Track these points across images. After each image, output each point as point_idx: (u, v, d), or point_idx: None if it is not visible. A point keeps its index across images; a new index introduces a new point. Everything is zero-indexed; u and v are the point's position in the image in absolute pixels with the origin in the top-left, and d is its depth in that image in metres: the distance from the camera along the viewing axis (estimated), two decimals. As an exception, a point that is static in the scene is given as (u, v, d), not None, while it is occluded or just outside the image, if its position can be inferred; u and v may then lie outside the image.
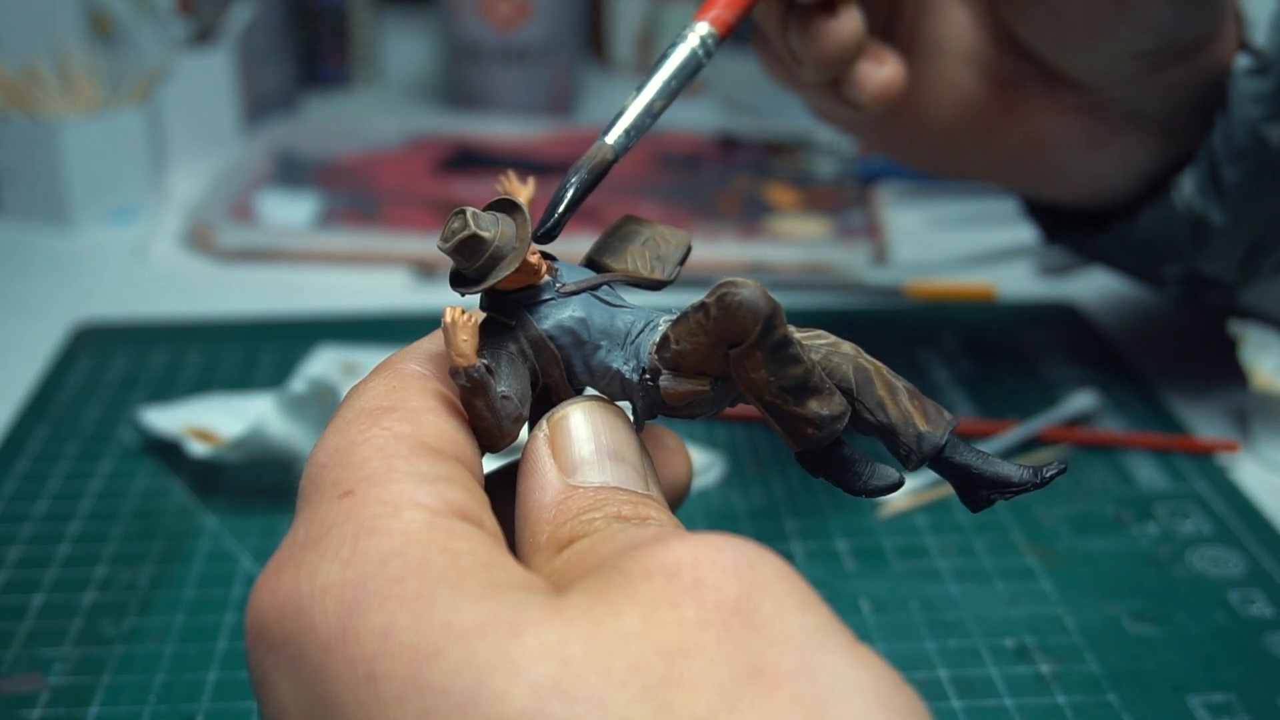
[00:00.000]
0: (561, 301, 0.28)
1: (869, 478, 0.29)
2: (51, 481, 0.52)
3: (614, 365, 0.29)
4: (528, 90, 0.97)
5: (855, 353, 0.29)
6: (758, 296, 0.25)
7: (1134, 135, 0.50)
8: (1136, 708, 0.40)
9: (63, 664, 0.42)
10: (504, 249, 0.27)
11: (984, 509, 0.30)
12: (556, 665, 0.21)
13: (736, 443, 0.55)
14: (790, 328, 0.27)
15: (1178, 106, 0.49)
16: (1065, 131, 0.49)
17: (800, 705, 0.21)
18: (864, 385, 0.28)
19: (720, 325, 0.26)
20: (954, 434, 0.29)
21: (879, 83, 0.46)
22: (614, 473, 0.27)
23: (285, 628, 0.23)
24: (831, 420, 0.27)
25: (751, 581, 0.23)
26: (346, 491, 0.25)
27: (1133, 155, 0.51)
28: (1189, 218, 0.51)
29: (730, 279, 0.26)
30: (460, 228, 0.27)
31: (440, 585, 0.22)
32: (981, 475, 0.29)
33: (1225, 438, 0.56)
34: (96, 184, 0.77)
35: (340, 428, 0.26)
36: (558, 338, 0.28)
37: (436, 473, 0.25)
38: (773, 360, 0.26)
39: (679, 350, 0.27)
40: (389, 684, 0.21)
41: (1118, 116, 0.49)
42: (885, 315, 0.68)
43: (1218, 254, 0.52)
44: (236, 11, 0.91)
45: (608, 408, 0.28)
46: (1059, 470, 0.29)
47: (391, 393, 0.27)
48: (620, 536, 0.25)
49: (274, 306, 0.68)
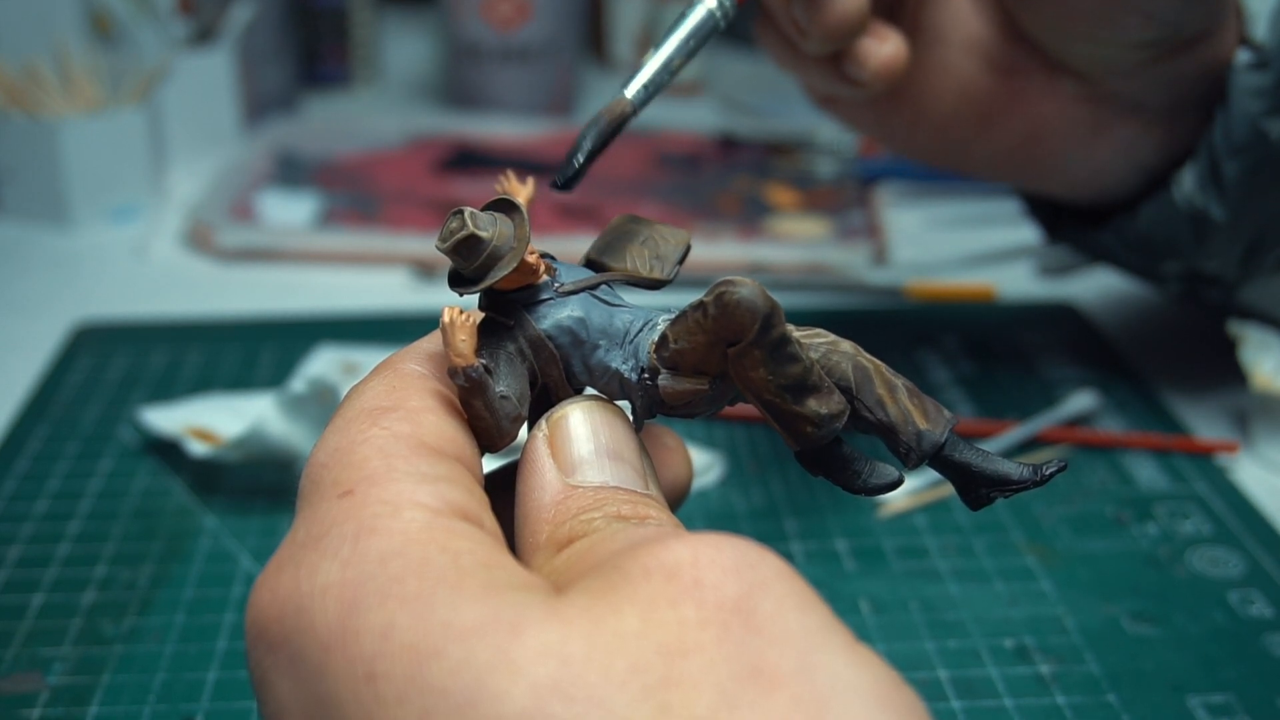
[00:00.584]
0: (560, 301, 0.28)
1: (868, 476, 0.29)
2: (51, 481, 0.52)
3: (613, 365, 0.29)
4: (528, 90, 0.97)
5: (854, 351, 0.29)
6: (756, 295, 0.25)
7: (1134, 127, 0.50)
8: (1136, 708, 0.40)
9: (62, 663, 0.42)
10: (502, 249, 0.27)
11: (984, 507, 0.30)
12: (556, 665, 0.21)
13: (736, 443, 0.55)
14: (789, 326, 0.27)
15: (1178, 100, 0.49)
16: (1066, 122, 0.49)
17: (800, 705, 0.21)
18: (863, 383, 0.28)
19: (718, 324, 0.26)
20: (953, 432, 0.29)
21: (881, 59, 0.46)
22: (613, 472, 0.27)
23: (285, 627, 0.23)
24: (830, 419, 0.27)
25: (751, 581, 0.23)
26: (346, 491, 0.25)
27: (1133, 148, 0.51)
28: (1189, 213, 0.51)
29: (728, 278, 0.26)
30: (458, 228, 0.27)
31: (440, 585, 0.22)
32: (981, 473, 0.29)
33: (1225, 438, 0.56)
34: (96, 184, 0.77)
35: (340, 427, 0.26)
36: (556, 337, 0.28)
37: (436, 472, 0.25)
38: (771, 359, 0.26)
39: (677, 349, 0.27)
40: (389, 684, 0.21)
41: (1118, 108, 0.49)
42: (885, 315, 0.68)
43: (1217, 250, 0.52)
44: (236, 11, 0.91)
45: (607, 407, 0.28)
46: (1059, 468, 0.29)
47: (391, 392, 0.27)
48: (620, 536, 0.25)
49: (274, 306, 0.68)
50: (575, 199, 0.78)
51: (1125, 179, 0.52)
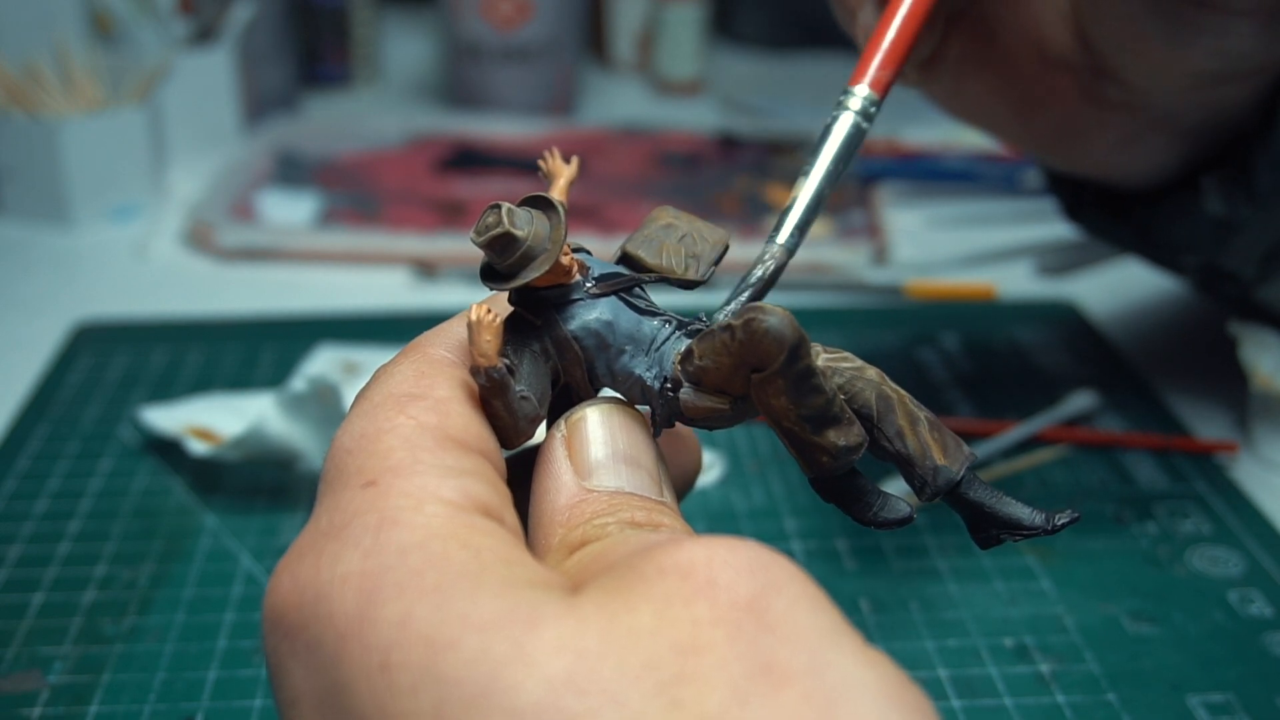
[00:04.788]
0: (590, 303, 0.28)
1: (880, 509, 0.29)
2: (52, 480, 0.52)
3: (636, 371, 0.29)
4: (528, 90, 0.97)
5: (879, 379, 0.29)
6: (784, 325, 0.25)
7: (1163, 137, 0.49)
8: (1135, 707, 0.40)
9: (63, 662, 0.42)
10: (537, 249, 0.27)
11: (992, 547, 0.30)
12: (571, 659, 0.21)
13: (736, 443, 0.55)
14: (817, 347, 0.27)
15: (1214, 119, 0.49)
16: (1098, 125, 0.49)
17: (810, 702, 0.21)
18: (885, 413, 0.28)
19: (745, 350, 0.26)
20: (970, 470, 0.29)
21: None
22: (629, 478, 0.27)
23: (303, 614, 0.23)
24: (848, 451, 0.27)
25: (765, 581, 0.23)
26: (370, 481, 0.25)
27: (1157, 155, 0.50)
28: (1214, 218, 0.51)
29: (758, 304, 0.26)
30: (494, 223, 0.27)
31: (459, 579, 0.23)
32: (994, 515, 0.29)
33: (1225, 438, 0.56)
34: (97, 183, 0.77)
35: (367, 411, 0.26)
36: (582, 339, 0.28)
37: (461, 466, 0.25)
38: (794, 389, 0.26)
39: (702, 366, 0.27)
40: (404, 673, 0.22)
41: (1153, 118, 0.48)
42: (885, 315, 0.68)
43: (1238, 251, 0.52)
44: (237, 11, 0.91)
45: (626, 411, 0.28)
46: (1070, 519, 0.29)
47: (420, 379, 0.27)
48: (632, 542, 0.25)
49: (274, 306, 0.68)
50: (576, 199, 0.78)
51: (1143, 178, 0.52)
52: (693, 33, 1.05)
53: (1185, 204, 0.51)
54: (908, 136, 0.92)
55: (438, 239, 0.74)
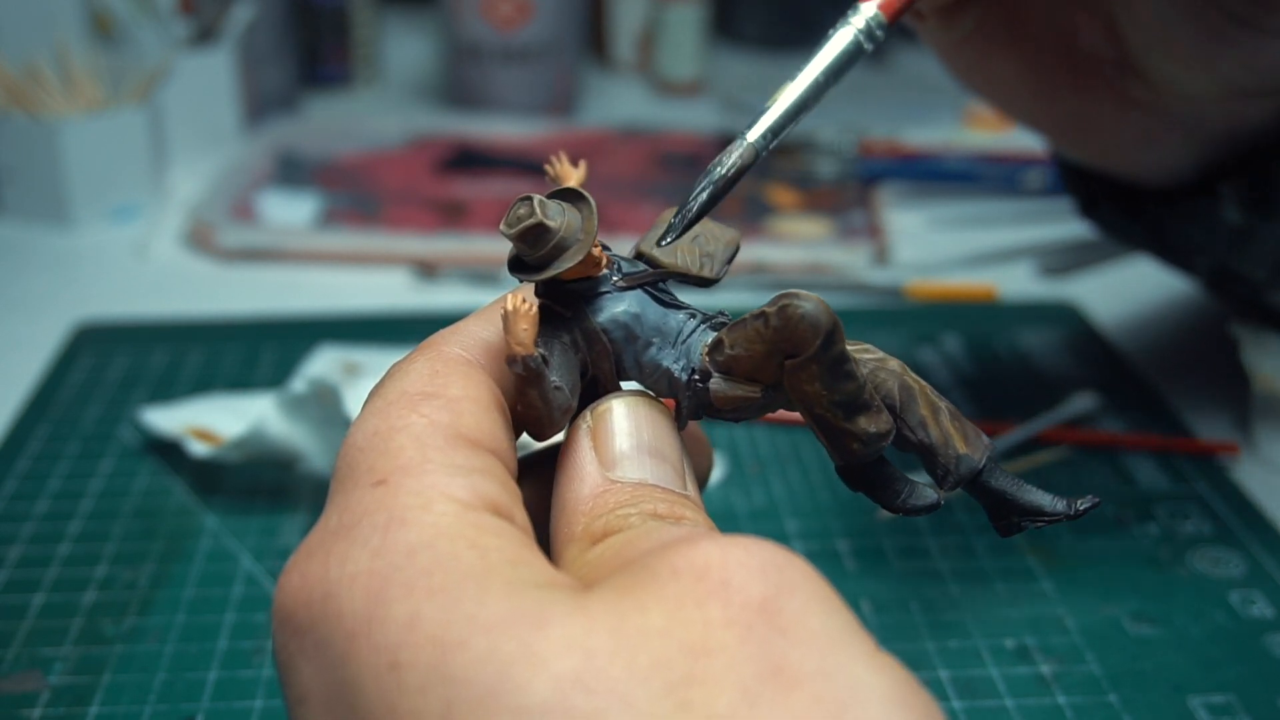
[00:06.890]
0: (618, 295, 0.28)
1: (908, 497, 0.29)
2: (52, 481, 0.52)
3: (664, 363, 0.29)
4: (528, 90, 0.97)
5: (901, 370, 0.29)
6: (819, 311, 0.26)
7: (1183, 141, 0.49)
8: (1136, 708, 0.40)
9: (63, 663, 0.42)
10: (568, 240, 0.27)
11: (1014, 535, 0.30)
12: (580, 658, 0.21)
13: (736, 443, 0.55)
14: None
15: (1237, 130, 0.49)
16: (1118, 122, 0.49)
17: (820, 704, 0.21)
18: (908, 403, 0.29)
19: (780, 336, 0.26)
20: (991, 459, 0.29)
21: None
22: (653, 470, 0.27)
23: (312, 612, 0.23)
24: (878, 438, 0.28)
25: (778, 583, 0.23)
26: (380, 480, 0.25)
27: (1172, 158, 0.50)
28: (1228, 224, 0.51)
29: (792, 290, 0.26)
30: (526, 214, 0.27)
31: (467, 579, 0.23)
32: (1015, 502, 0.29)
33: (1226, 439, 0.56)
34: (97, 183, 0.77)
35: (380, 409, 0.26)
36: (611, 331, 0.28)
37: (471, 465, 0.25)
38: (828, 375, 0.26)
39: (733, 355, 0.27)
40: (412, 673, 0.22)
41: (1174, 122, 0.48)
42: (886, 316, 0.68)
43: (1252, 256, 0.52)
44: (237, 11, 0.91)
45: (652, 404, 0.29)
46: (1092, 504, 0.29)
47: (434, 377, 0.27)
48: (654, 534, 0.25)
49: (274, 306, 0.68)
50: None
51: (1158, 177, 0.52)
52: (693, 33, 1.05)
53: (1202, 208, 0.51)
54: (909, 137, 0.92)
55: (438, 239, 0.74)
